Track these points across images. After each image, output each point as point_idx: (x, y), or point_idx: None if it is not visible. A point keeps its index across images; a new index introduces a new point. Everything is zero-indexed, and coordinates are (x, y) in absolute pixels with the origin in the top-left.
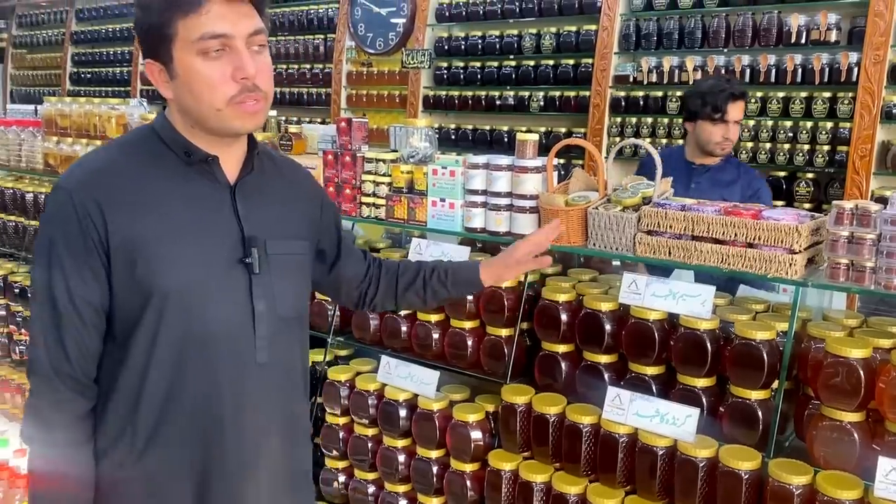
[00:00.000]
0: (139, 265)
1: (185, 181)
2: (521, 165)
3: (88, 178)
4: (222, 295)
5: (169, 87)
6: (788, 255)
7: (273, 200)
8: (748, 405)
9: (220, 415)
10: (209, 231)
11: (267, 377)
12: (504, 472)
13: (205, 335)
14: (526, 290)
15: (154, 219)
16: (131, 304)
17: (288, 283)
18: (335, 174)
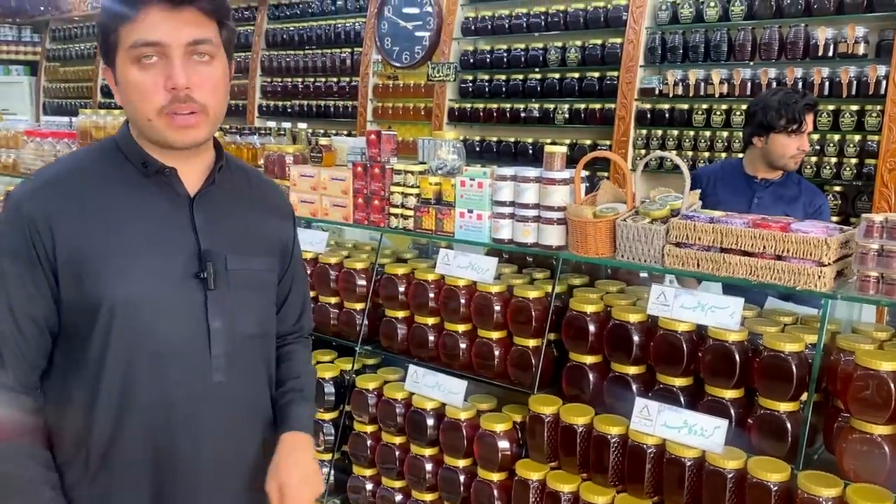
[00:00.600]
0: (86, 278)
1: (143, 193)
2: (549, 177)
3: (39, 189)
4: (175, 311)
5: (118, 93)
6: (817, 268)
7: (238, 216)
8: (777, 417)
9: (174, 436)
10: (163, 244)
11: (225, 397)
12: (531, 482)
13: (156, 353)
14: (553, 301)
15: (104, 231)
16: (79, 320)
17: (250, 300)
18: (364, 186)
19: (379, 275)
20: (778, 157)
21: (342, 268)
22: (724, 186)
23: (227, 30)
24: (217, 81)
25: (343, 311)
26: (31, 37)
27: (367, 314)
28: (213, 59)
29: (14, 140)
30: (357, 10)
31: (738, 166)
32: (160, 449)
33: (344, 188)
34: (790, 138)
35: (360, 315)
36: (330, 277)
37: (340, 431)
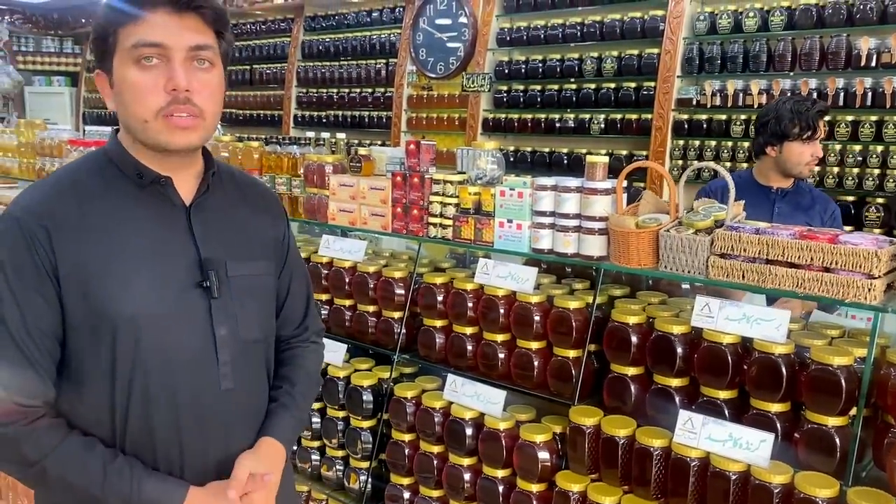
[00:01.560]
0: (90, 293)
1: (138, 204)
2: (591, 187)
3: (36, 205)
4: (181, 322)
5: (111, 99)
6: (867, 280)
7: (233, 221)
8: (825, 432)
9: (182, 442)
10: (164, 255)
11: (232, 403)
12: (572, 494)
13: (165, 364)
14: (594, 312)
15: (104, 244)
16: (85, 333)
17: (251, 305)
18: (403, 195)
19: (417, 284)
20: (793, 164)
21: (380, 276)
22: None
23: (226, 41)
24: (215, 88)
25: (381, 319)
26: (72, 48)
27: (406, 323)
28: (213, 67)
29: (58, 149)
30: (392, 21)
31: (748, 177)
32: (170, 455)
33: (383, 197)
34: (805, 145)
35: (398, 324)
36: (368, 286)
37: (378, 439)
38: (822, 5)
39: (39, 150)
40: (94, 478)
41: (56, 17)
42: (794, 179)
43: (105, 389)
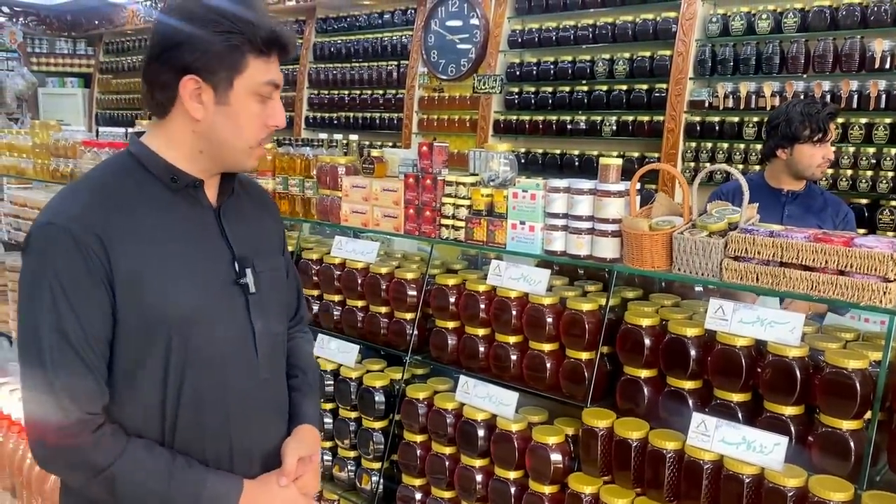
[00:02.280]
0: (145, 297)
1: (172, 207)
2: (604, 189)
3: (82, 212)
4: (224, 317)
5: (204, 110)
6: (882, 284)
7: (250, 220)
8: (840, 435)
9: (230, 430)
10: (203, 256)
11: (269, 392)
12: (584, 496)
13: (213, 358)
14: (606, 314)
15: (152, 249)
16: (139, 337)
17: (276, 299)
18: (415, 197)
19: (429, 285)
20: (805, 167)
21: (393, 278)
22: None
23: None
24: None
25: (393, 320)
26: (85, 50)
27: (418, 324)
28: None
29: (72, 150)
30: (404, 23)
31: (759, 180)
32: (219, 450)
33: (395, 199)
34: (816, 148)
35: (410, 325)
36: (381, 287)
37: (390, 440)
38: (835, 7)
39: (54, 151)
40: (161, 478)
41: (70, 19)
42: (805, 182)
43: (157, 389)
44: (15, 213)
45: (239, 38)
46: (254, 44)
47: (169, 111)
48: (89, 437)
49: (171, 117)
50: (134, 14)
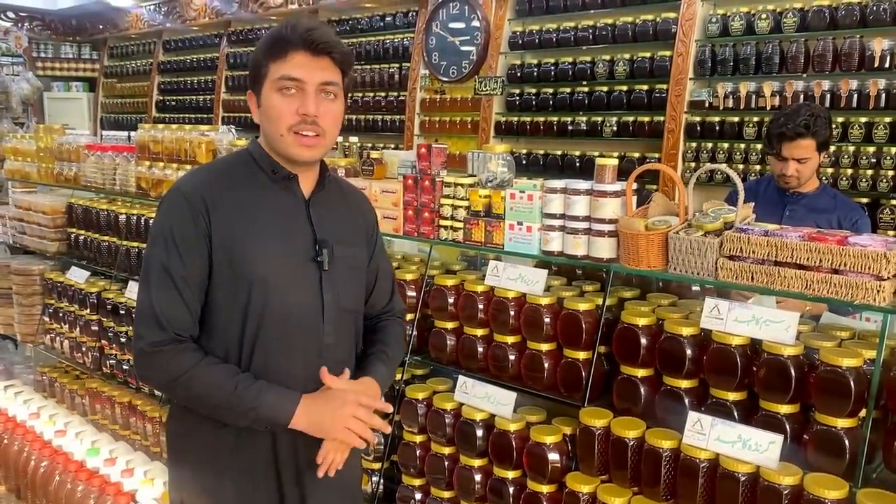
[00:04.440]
0: (235, 257)
1: (271, 193)
2: (601, 190)
3: (199, 184)
4: (299, 286)
5: (257, 114)
6: (876, 282)
7: (339, 215)
8: (834, 433)
9: (295, 385)
10: (289, 233)
11: (332, 354)
12: (582, 495)
13: (285, 316)
14: (603, 314)
15: (247, 221)
16: (226, 291)
17: (349, 281)
18: (414, 198)
19: (428, 286)
20: (775, 175)
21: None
22: (759, 200)
23: (349, 78)
24: (336, 114)
25: None
26: (90, 54)
27: (417, 325)
28: (336, 98)
29: (76, 154)
30: (405, 25)
31: (770, 180)
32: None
33: (394, 200)
34: (776, 161)
35: (409, 326)
36: None
37: (390, 441)
38: (835, 6)
39: (58, 154)
40: (228, 383)
41: (74, 24)
42: (819, 184)
43: (235, 336)
44: (19, 216)
45: (263, 53)
46: (272, 52)
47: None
48: (176, 348)
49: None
50: (138, 18)
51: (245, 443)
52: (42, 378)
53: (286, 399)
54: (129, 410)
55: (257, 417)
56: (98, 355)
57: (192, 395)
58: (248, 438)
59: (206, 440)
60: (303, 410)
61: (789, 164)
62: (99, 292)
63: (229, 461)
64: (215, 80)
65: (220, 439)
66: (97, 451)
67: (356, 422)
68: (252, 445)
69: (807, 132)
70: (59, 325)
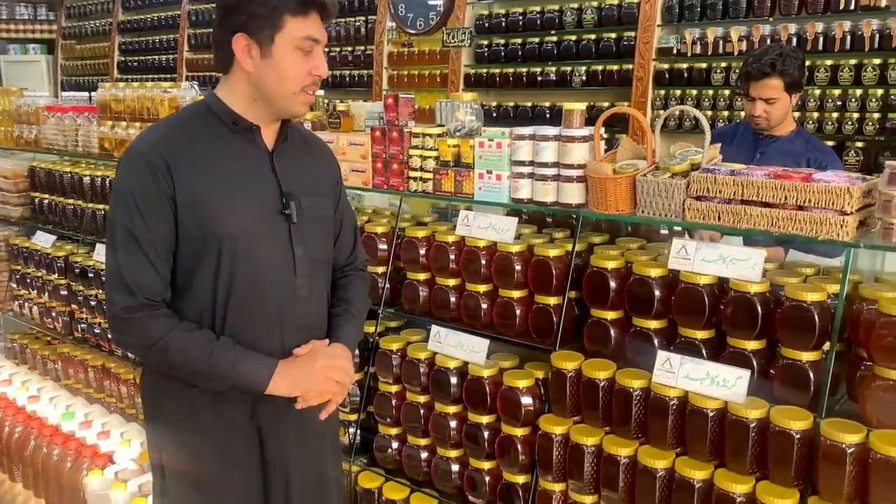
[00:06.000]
0: (201, 214)
1: (233, 146)
2: (568, 135)
3: (157, 141)
4: (269, 240)
5: (254, 63)
6: (840, 217)
7: (302, 165)
8: (799, 366)
9: (271, 339)
10: (254, 187)
11: (306, 309)
12: (555, 436)
13: (256, 273)
14: (573, 259)
15: (210, 176)
16: (194, 248)
17: (318, 232)
18: (382, 150)
19: (399, 238)
20: (748, 117)
21: (363, 232)
22: (733, 143)
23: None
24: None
25: None
26: (46, 15)
27: (389, 278)
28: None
29: (35, 116)
30: None
31: (745, 124)
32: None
33: (363, 153)
34: (747, 102)
35: (381, 279)
36: None
37: (366, 392)
38: None
39: (16, 117)
40: (203, 350)
41: None
42: (795, 127)
43: (208, 295)
44: None
45: (282, 4)
46: (290, 5)
47: (230, 67)
48: (149, 314)
49: (233, 71)
50: None
51: (222, 398)
52: (13, 345)
53: (262, 365)
54: (102, 374)
55: (234, 384)
56: (69, 320)
57: (167, 362)
58: (225, 394)
59: (181, 397)
60: (279, 376)
61: (757, 104)
62: (66, 256)
63: (207, 417)
64: (177, 38)
65: (197, 396)
66: (72, 414)
67: (332, 382)
68: (230, 401)
69: (773, 71)
70: (27, 291)
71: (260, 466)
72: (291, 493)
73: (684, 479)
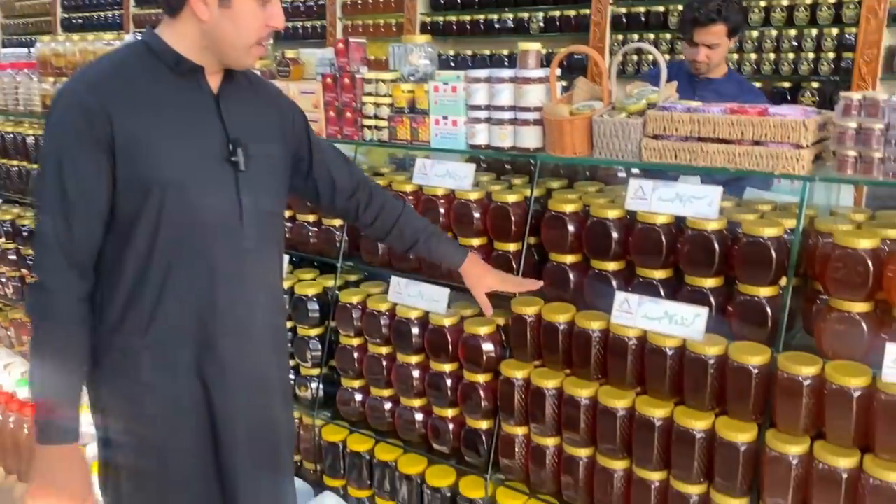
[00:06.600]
0: (140, 160)
1: (175, 88)
2: (524, 76)
3: (93, 84)
4: (214, 189)
5: (211, 12)
6: (795, 151)
7: (250, 109)
8: (756, 302)
9: (215, 291)
10: (199, 132)
11: (254, 260)
12: (516, 381)
13: (200, 223)
14: (532, 205)
15: (152, 120)
16: (134, 197)
17: (268, 180)
18: (335, 98)
19: None
20: (688, 62)
21: None
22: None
23: None
24: None
25: (322, 228)
26: None
27: (347, 230)
28: None
29: None
30: None
31: (682, 65)
32: (203, 305)
33: (314, 102)
34: (689, 47)
35: (339, 231)
36: None
37: (327, 347)
38: None
39: None
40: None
41: None
42: (727, 69)
43: (148, 248)
44: None
45: None
46: None
47: (179, 12)
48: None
49: (182, 17)
50: None
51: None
52: None
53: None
54: None
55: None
56: (19, 284)
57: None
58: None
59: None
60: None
61: (700, 49)
62: (13, 220)
63: (149, 373)
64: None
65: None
66: (26, 381)
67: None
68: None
69: (718, 17)
70: None
71: (207, 420)
72: (240, 447)
73: (644, 417)
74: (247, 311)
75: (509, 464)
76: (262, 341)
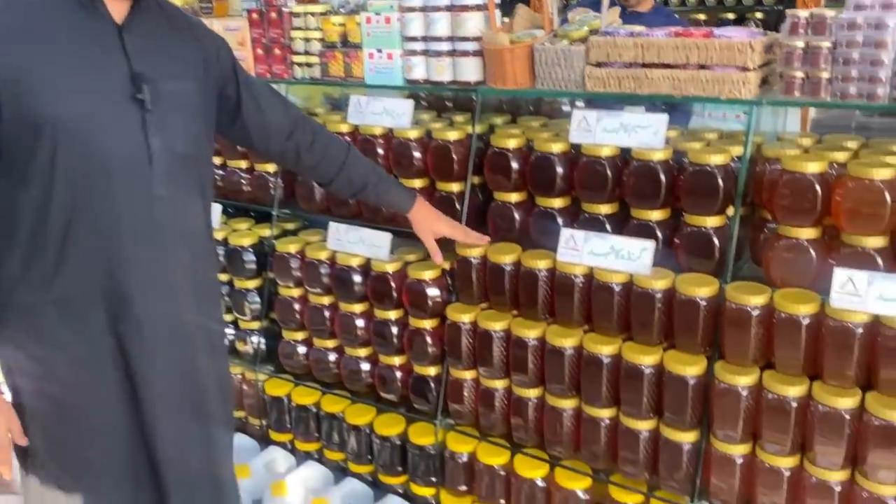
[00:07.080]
0: (26, 95)
1: (72, 19)
2: (462, 4)
3: None
4: (116, 129)
5: None
6: (742, 74)
7: (163, 43)
8: (703, 233)
9: (122, 242)
10: (97, 66)
11: (168, 208)
12: (463, 325)
13: (102, 167)
14: (475, 143)
15: (41, 52)
16: (23, 136)
17: (182, 121)
18: (262, 34)
19: None
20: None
21: None
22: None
23: None
24: None
25: (254, 174)
26: None
27: (282, 175)
28: None
29: None
30: None
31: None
32: (112, 255)
33: (240, 39)
34: None
35: (273, 177)
36: None
37: (266, 299)
38: None
39: None
40: None
41: None
42: (652, 3)
43: (48, 187)
44: None
45: None
46: None
47: None
48: None
49: None
50: None
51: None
52: None
53: None
54: None
55: None
56: None
57: None
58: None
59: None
60: None
61: None
62: None
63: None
64: None
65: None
66: None
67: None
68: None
69: None
70: None
71: (126, 378)
72: (161, 401)
73: (592, 355)
74: (163, 264)
75: (459, 409)
76: (184, 295)
